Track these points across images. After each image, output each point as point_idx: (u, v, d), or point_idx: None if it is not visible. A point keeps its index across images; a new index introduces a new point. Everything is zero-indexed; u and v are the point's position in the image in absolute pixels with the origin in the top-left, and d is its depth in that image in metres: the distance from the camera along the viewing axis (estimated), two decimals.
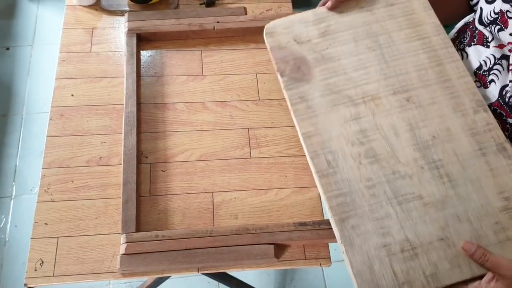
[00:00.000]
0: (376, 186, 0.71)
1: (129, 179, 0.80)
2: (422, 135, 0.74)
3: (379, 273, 0.65)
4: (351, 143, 0.74)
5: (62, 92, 0.91)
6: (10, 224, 1.58)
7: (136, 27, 0.94)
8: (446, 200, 0.70)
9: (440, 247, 0.66)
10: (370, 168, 0.72)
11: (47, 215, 0.79)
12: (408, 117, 0.76)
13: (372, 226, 0.68)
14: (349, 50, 0.82)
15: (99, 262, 0.76)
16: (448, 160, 0.73)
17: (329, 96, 0.77)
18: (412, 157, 0.73)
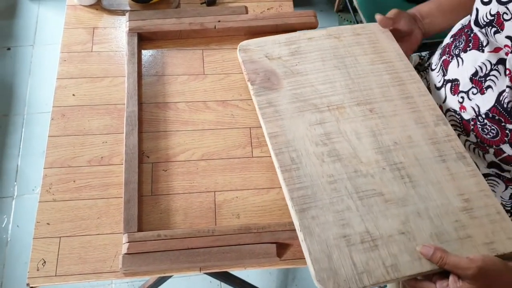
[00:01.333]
0: (338, 182, 0.73)
1: (130, 178, 0.80)
2: (384, 140, 0.78)
3: (338, 262, 0.66)
4: (315, 144, 0.77)
5: (63, 92, 0.91)
6: (12, 224, 1.58)
7: (137, 27, 0.94)
8: (407, 198, 0.72)
9: (400, 240, 0.68)
10: (333, 166, 0.75)
11: (49, 215, 0.79)
12: (371, 125, 0.80)
13: (333, 218, 0.69)
14: (317, 67, 0.87)
15: (101, 261, 0.76)
16: (410, 163, 0.76)
17: (296, 104, 0.82)
18: (374, 159, 0.76)
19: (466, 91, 0.79)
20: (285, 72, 0.86)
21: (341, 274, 0.64)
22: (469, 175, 0.74)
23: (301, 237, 0.68)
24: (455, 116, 0.82)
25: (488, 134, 0.76)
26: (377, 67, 0.87)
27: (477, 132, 0.78)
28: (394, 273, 0.65)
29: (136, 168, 0.80)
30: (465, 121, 0.80)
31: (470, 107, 0.78)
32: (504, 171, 0.79)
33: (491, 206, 0.71)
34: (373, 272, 0.65)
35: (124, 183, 0.79)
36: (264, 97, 0.83)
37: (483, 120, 0.76)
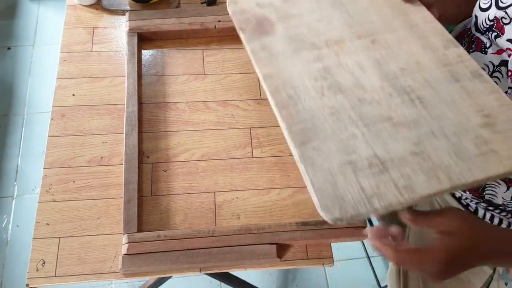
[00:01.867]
0: (340, 112, 0.66)
1: (130, 179, 0.79)
2: (390, 68, 0.70)
3: (344, 188, 0.59)
4: (314, 79, 0.70)
5: (63, 92, 0.90)
6: (12, 224, 1.58)
7: (137, 26, 0.94)
8: (418, 120, 0.65)
9: (414, 161, 0.61)
10: (334, 98, 0.68)
11: (48, 215, 0.79)
12: (374, 55, 0.72)
13: (336, 147, 0.63)
14: (312, 8, 0.79)
15: (101, 262, 0.76)
16: (419, 86, 0.68)
17: (291, 44, 0.75)
18: (379, 86, 0.68)
19: None
20: (278, 17, 0.79)
21: (348, 200, 0.58)
22: (487, 92, 0.67)
23: (301, 169, 0.61)
24: None
25: None
26: (376, 2, 0.80)
27: None
28: (409, 194, 0.58)
29: (136, 169, 0.80)
30: None
31: None
32: None
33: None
34: (384, 195, 0.58)
35: (124, 184, 0.79)
36: (257, 42, 0.76)
37: None
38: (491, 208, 0.88)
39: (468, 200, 0.91)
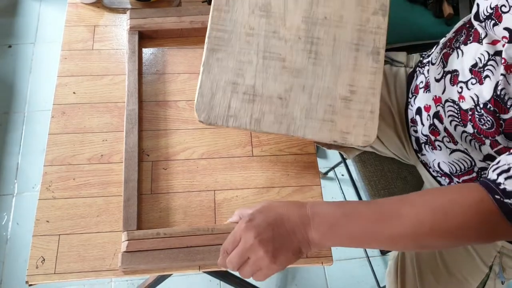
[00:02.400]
0: (254, 36, 0.77)
1: (130, 177, 0.80)
2: (317, 12, 0.79)
3: (217, 101, 0.74)
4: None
5: (64, 90, 0.91)
6: (12, 222, 1.58)
7: (138, 25, 0.94)
8: (301, 71, 0.77)
9: (275, 103, 0.75)
10: (259, 19, 0.78)
11: (48, 213, 0.79)
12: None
13: (233, 65, 0.76)
14: None
15: (100, 259, 0.76)
16: (325, 42, 0.78)
17: None
18: (297, 26, 0.78)
19: (465, 81, 0.79)
20: None
21: (215, 111, 0.74)
22: (369, 71, 0.77)
23: (200, 71, 0.75)
24: (453, 106, 0.82)
25: (484, 125, 0.76)
26: None
27: (474, 122, 0.78)
28: (255, 126, 0.74)
29: (136, 166, 0.80)
30: (463, 111, 0.80)
31: (469, 97, 0.78)
32: None
33: (370, 104, 0.76)
34: (240, 119, 0.74)
35: (123, 182, 0.79)
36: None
37: (481, 110, 0.76)
38: None
39: None
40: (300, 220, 0.63)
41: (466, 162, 0.84)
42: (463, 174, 0.86)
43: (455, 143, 0.83)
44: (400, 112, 1.02)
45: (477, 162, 0.81)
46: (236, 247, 0.64)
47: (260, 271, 0.63)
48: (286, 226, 0.63)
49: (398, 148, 1.06)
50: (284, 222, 0.63)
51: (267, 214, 0.64)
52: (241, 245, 0.63)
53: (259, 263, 0.63)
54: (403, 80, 1.03)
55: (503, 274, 0.89)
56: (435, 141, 0.89)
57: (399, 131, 1.03)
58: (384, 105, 1.03)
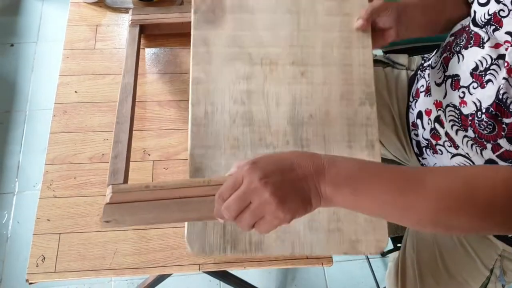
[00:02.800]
0: (240, 147, 0.72)
1: (120, 139, 0.75)
2: (301, 111, 0.74)
3: (210, 227, 0.67)
4: (234, 100, 0.74)
5: (65, 89, 0.91)
6: (12, 220, 1.59)
7: (140, 19, 0.92)
8: None
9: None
10: (242, 129, 0.73)
11: (49, 211, 0.79)
12: (295, 90, 0.76)
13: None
14: (268, 6, 0.80)
15: (100, 259, 0.76)
16: (315, 142, 0.73)
17: (231, 48, 0.77)
18: (283, 130, 0.73)
19: (466, 86, 0.79)
20: (233, 5, 0.79)
21: (209, 239, 0.67)
22: None
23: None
24: (454, 111, 0.82)
25: (485, 129, 0.76)
26: (332, 19, 0.80)
27: (474, 127, 0.78)
28: (256, 250, 0.68)
29: (127, 130, 0.76)
30: (464, 116, 0.80)
31: (471, 102, 0.78)
32: None
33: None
34: (238, 245, 0.67)
35: (113, 143, 0.75)
36: (202, 31, 0.77)
37: (481, 115, 0.76)
38: None
39: None
40: (314, 168, 0.56)
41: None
42: None
43: (456, 147, 0.83)
44: (401, 115, 1.02)
45: None
46: (237, 190, 0.55)
47: (263, 220, 0.54)
48: (298, 171, 0.55)
49: (398, 151, 1.06)
50: (295, 168, 0.56)
51: (275, 158, 0.57)
52: (243, 187, 0.54)
53: (263, 209, 0.54)
54: (405, 83, 1.03)
55: (504, 277, 0.89)
56: (436, 145, 0.89)
57: (399, 134, 1.03)
58: (385, 108, 1.03)
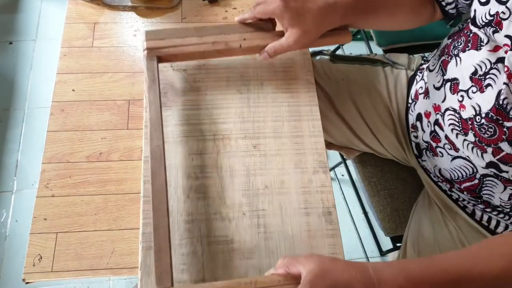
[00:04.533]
0: (194, 222, 0.72)
1: (160, 223, 0.68)
2: (256, 182, 0.76)
3: None
4: (187, 176, 0.76)
5: (63, 87, 0.90)
6: (11, 219, 1.58)
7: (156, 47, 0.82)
8: (254, 251, 0.71)
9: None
10: (196, 203, 0.73)
11: (46, 210, 0.79)
12: (249, 162, 0.78)
13: (175, 261, 0.69)
14: (219, 88, 0.84)
15: (97, 258, 0.76)
16: (271, 212, 0.74)
17: (183, 126, 0.80)
18: (238, 202, 0.74)
19: (466, 90, 0.78)
20: (184, 88, 0.83)
21: None
22: (326, 234, 0.73)
23: (139, 275, 0.67)
24: (454, 115, 0.81)
25: (486, 133, 0.76)
26: (280, 95, 0.85)
27: (475, 131, 0.77)
28: None
29: (165, 214, 0.69)
30: (464, 120, 0.79)
31: (470, 106, 0.77)
32: (502, 172, 0.78)
33: None
34: None
35: (153, 229, 0.68)
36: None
37: (481, 119, 0.75)
38: (488, 210, 0.88)
39: (465, 202, 0.91)
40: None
41: (468, 169, 0.83)
42: (465, 180, 0.85)
43: (456, 150, 0.83)
44: (400, 116, 1.02)
45: (479, 169, 0.81)
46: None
47: None
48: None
49: (398, 151, 1.05)
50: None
51: (328, 281, 0.58)
52: None
53: None
54: (404, 83, 1.02)
55: None
56: (436, 148, 0.88)
57: (399, 135, 1.03)
58: (384, 108, 1.02)
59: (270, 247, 0.71)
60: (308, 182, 0.77)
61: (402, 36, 1.28)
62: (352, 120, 1.04)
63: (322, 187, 0.77)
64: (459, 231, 0.92)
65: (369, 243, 1.59)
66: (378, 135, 1.04)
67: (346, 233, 1.62)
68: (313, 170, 0.78)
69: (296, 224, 0.73)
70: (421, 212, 1.00)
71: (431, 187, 0.98)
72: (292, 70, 0.87)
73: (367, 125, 1.03)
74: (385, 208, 1.06)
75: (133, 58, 0.94)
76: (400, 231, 1.05)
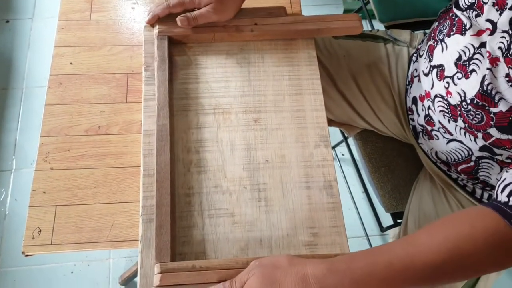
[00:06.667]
0: (195, 195, 0.72)
1: (163, 201, 0.69)
2: (257, 157, 0.76)
3: None
4: (187, 150, 0.75)
5: (60, 60, 0.89)
6: (10, 198, 1.58)
7: (168, 29, 0.83)
8: (255, 223, 0.71)
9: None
10: (196, 176, 0.73)
11: (45, 184, 0.78)
12: (249, 136, 0.77)
13: (176, 233, 0.69)
14: (219, 60, 0.83)
15: (97, 231, 0.75)
16: (272, 185, 0.74)
17: (183, 100, 0.79)
18: (239, 176, 0.74)
19: (451, 76, 0.77)
20: (184, 61, 0.82)
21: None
22: (327, 208, 0.73)
23: (139, 248, 0.67)
24: (442, 101, 0.81)
25: (473, 119, 0.75)
26: (281, 69, 0.84)
27: (464, 117, 0.77)
28: None
29: (168, 192, 0.70)
30: (452, 106, 0.78)
31: (455, 92, 0.76)
32: (496, 155, 0.78)
33: (337, 245, 0.70)
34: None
35: (155, 206, 0.70)
36: (153, 87, 0.78)
37: (467, 106, 0.74)
38: (488, 188, 0.87)
39: (464, 181, 0.90)
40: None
41: (463, 151, 0.83)
42: (461, 163, 0.85)
43: (450, 133, 0.82)
44: (401, 95, 1.01)
45: (474, 151, 0.80)
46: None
47: None
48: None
49: (398, 129, 1.05)
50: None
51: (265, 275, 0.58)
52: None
53: None
54: (405, 61, 1.01)
55: None
56: (431, 131, 0.88)
57: (399, 114, 1.02)
58: (385, 86, 1.01)
59: (271, 220, 0.71)
60: (309, 156, 0.76)
61: (404, 12, 1.26)
62: (352, 97, 1.03)
63: (323, 161, 0.76)
64: (460, 206, 0.92)
65: (369, 221, 1.59)
66: (379, 113, 1.03)
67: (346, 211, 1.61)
68: (315, 144, 0.78)
69: (297, 197, 0.73)
70: (422, 188, 1.00)
71: (431, 168, 0.97)
72: (294, 43, 0.86)
73: (368, 102, 1.02)
74: (386, 185, 1.06)
75: (131, 31, 0.92)
76: (401, 208, 1.04)
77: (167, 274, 0.63)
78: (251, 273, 0.59)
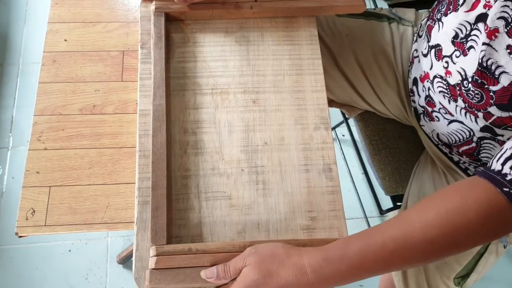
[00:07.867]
0: (191, 177, 0.71)
1: (159, 183, 0.68)
2: (255, 139, 0.74)
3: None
4: (184, 131, 0.73)
5: (54, 37, 0.86)
6: (7, 175, 1.57)
7: (165, 5, 0.81)
8: (252, 206, 0.70)
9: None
10: (193, 158, 0.72)
11: (38, 164, 0.77)
12: (248, 118, 0.75)
13: (172, 215, 0.68)
14: (217, 39, 0.81)
15: (92, 212, 0.74)
16: (270, 168, 0.72)
17: (180, 80, 0.77)
18: (236, 158, 0.73)
19: (449, 55, 0.75)
20: (181, 39, 0.80)
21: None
22: (326, 191, 0.71)
23: (135, 230, 0.66)
24: (442, 82, 0.79)
25: (473, 99, 0.73)
26: (281, 48, 0.81)
27: (463, 97, 0.75)
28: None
29: (164, 173, 0.69)
30: (452, 87, 0.77)
31: (455, 71, 0.75)
32: (498, 135, 0.76)
33: (335, 229, 0.69)
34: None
35: (151, 188, 0.68)
36: (149, 66, 0.76)
37: (468, 84, 0.72)
38: None
39: (466, 164, 0.89)
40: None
41: (464, 132, 0.81)
42: (462, 144, 0.84)
43: (451, 114, 0.81)
44: (404, 75, 0.99)
45: (475, 132, 0.79)
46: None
47: None
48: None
49: (399, 111, 1.03)
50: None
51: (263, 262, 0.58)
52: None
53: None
54: (410, 41, 0.99)
55: (505, 238, 0.87)
56: (432, 112, 0.86)
57: (402, 95, 1.00)
58: (389, 67, 0.99)
59: (269, 203, 0.70)
60: (308, 139, 0.75)
61: None
62: (354, 78, 1.01)
63: (323, 143, 0.75)
64: None
65: (369, 203, 1.58)
66: (380, 94, 1.01)
67: (346, 193, 1.61)
68: (314, 126, 0.76)
69: (295, 180, 0.72)
70: (423, 171, 0.98)
71: (432, 150, 0.96)
72: (295, 21, 0.83)
73: (370, 84, 1.00)
74: (386, 167, 1.05)
75: (127, 7, 0.90)
76: (401, 190, 1.03)
77: (163, 257, 0.62)
78: (248, 260, 0.58)
